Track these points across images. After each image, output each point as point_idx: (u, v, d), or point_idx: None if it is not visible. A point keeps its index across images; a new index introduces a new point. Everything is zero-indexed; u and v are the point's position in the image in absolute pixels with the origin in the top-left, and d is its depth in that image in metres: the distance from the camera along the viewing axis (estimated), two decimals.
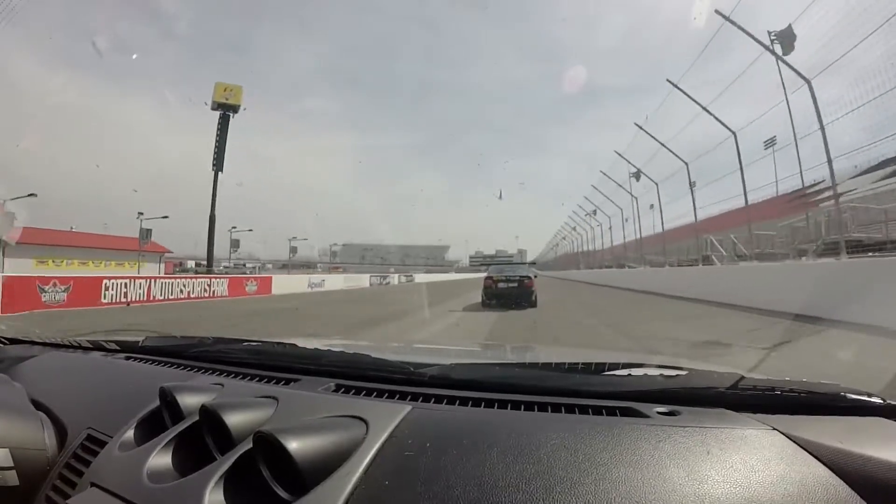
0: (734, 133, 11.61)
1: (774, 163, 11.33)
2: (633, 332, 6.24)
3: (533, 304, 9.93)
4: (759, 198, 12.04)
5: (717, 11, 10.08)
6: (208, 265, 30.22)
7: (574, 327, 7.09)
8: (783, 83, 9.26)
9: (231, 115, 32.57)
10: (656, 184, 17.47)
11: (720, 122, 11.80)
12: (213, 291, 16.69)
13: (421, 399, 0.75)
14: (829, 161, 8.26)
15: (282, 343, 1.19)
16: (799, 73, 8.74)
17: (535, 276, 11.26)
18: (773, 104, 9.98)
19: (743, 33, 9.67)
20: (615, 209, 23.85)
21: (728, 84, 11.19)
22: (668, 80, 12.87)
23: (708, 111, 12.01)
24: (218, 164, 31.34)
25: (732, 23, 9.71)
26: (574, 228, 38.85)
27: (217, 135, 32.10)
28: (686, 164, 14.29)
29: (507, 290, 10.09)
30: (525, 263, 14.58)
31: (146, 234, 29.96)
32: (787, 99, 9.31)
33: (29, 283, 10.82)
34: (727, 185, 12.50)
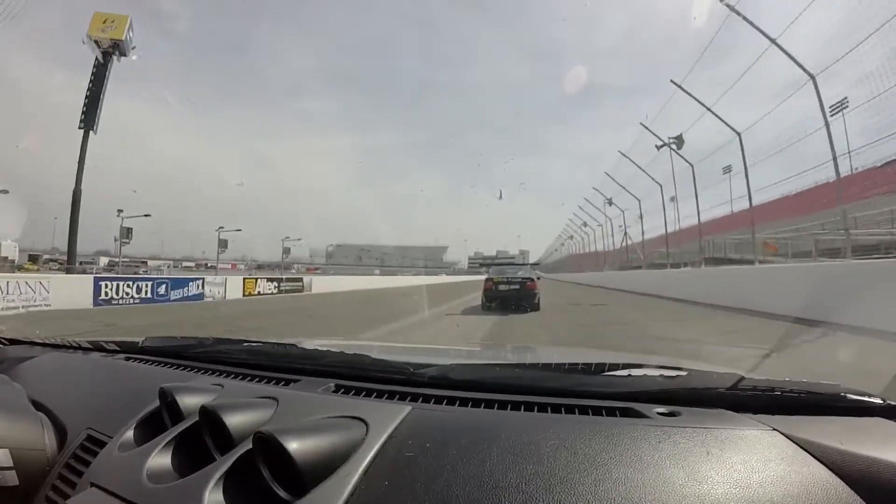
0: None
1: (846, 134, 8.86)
2: None
3: (536, 308, 9.80)
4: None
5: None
6: (69, 262, 19.92)
7: None
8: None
9: (116, 57, 21.08)
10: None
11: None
12: None
13: (421, 399, 0.75)
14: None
15: (282, 343, 1.19)
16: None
17: (539, 279, 11.17)
18: (775, 102, 9.82)
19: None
20: (654, 186, 17.51)
21: (735, 80, 10.87)
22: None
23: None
24: (88, 120, 19.95)
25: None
26: (607, 207, 25.59)
27: (91, 80, 20.57)
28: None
29: (509, 292, 9.99)
30: (527, 265, 14.24)
31: None
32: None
33: None
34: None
